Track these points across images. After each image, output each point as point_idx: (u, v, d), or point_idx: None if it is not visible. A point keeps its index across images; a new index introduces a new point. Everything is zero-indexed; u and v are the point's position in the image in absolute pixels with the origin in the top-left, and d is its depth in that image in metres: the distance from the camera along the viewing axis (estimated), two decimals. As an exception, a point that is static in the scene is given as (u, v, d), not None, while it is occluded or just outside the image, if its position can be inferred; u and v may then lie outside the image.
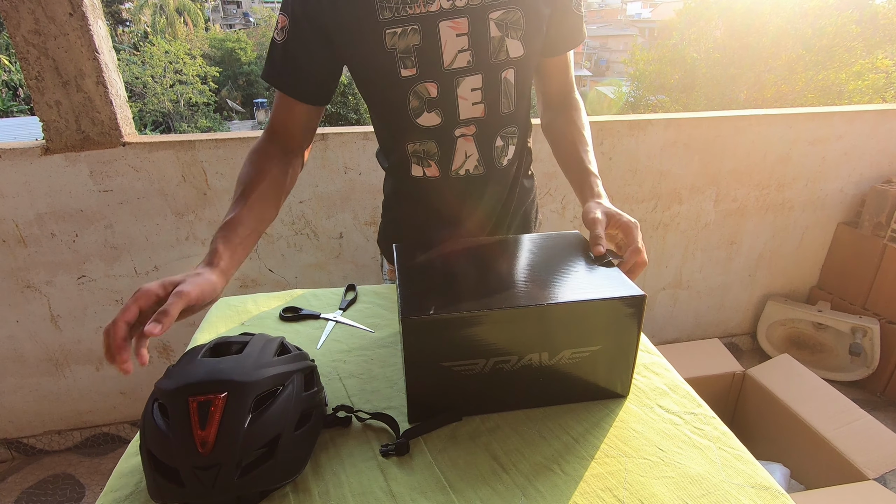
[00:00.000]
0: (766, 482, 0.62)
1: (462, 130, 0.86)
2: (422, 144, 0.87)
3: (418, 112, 0.83)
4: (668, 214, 2.14)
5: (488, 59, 0.81)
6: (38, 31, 1.41)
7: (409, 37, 0.77)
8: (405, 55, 0.78)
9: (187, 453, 0.53)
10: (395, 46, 0.78)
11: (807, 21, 9.31)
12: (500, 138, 0.89)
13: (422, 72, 0.80)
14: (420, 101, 0.82)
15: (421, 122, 0.84)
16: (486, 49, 0.80)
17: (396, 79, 0.80)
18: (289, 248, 1.82)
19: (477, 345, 0.65)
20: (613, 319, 0.67)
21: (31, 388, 1.80)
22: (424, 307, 0.63)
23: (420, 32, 0.77)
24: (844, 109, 2.19)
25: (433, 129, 0.85)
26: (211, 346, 0.63)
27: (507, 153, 0.92)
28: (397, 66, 0.79)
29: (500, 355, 0.66)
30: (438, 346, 0.64)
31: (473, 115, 0.85)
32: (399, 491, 0.60)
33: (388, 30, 0.77)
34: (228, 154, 1.65)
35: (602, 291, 0.66)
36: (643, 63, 11.69)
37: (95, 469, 1.84)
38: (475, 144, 0.88)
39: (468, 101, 0.83)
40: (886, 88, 8.65)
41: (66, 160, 1.55)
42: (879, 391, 2.21)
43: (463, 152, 0.88)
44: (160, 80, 17.24)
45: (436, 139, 0.86)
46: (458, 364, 0.65)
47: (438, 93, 0.82)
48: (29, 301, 1.68)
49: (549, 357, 0.67)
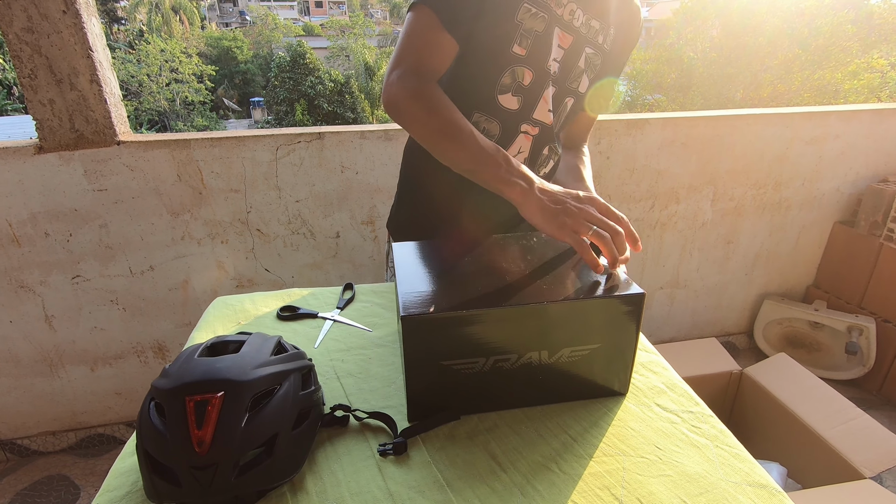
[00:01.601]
0: (763, 480, 0.62)
1: (527, 128, 0.91)
2: (487, 121, 0.90)
3: (504, 90, 0.86)
4: (665, 214, 2.14)
5: (567, 80, 0.88)
6: (31, 28, 1.40)
7: (537, 21, 0.81)
8: (525, 34, 0.82)
9: (184, 453, 0.52)
10: (522, 21, 0.81)
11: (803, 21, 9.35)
12: (548, 149, 0.96)
13: (530, 56, 0.83)
14: (513, 80, 0.85)
15: (501, 100, 0.87)
16: (570, 71, 0.88)
17: (506, 51, 0.83)
18: (285, 248, 1.81)
19: (477, 343, 0.64)
20: (612, 317, 0.67)
21: (26, 388, 1.79)
22: (424, 305, 0.62)
23: (546, 23, 0.81)
24: (841, 109, 2.20)
25: (507, 112, 0.88)
26: (208, 346, 0.63)
27: (547, 166, 0.99)
28: (514, 39, 0.82)
29: (500, 354, 0.66)
30: (438, 344, 0.64)
31: (543, 119, 0.90)
32: (397, 490, 0.60)
33: (527, 4, 0.80)
34: (224, 153, 1.64)
35: (601, 290, 0.66)
36: (640, 62, 11.71)
37: (90, 470, 1.83)
38: (531, 145, 0.93)
39: (546, 104, 0.89)
40: (882, 88, 8.69)
41: (60, 159, 1.54)
42: (875, 390, 2.22)
43: (518, 147, 0.92)
44: (156, 79, 17.19)
45: (502, 123, 0.90)
46: (458, 363, 0.65)
47: (530, 83, 0.86)
48: (23, 301, 1.67)
49: (549, 355, 0.67)
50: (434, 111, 0.75)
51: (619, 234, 0.67)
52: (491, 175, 0.73)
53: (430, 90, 0.76)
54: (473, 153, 0.74)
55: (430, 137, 0.77)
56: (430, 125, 0.76)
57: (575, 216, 0.68)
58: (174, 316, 1.81)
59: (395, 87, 0.77)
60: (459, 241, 0.83)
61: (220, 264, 1.78)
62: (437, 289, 0.68)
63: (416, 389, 0.67)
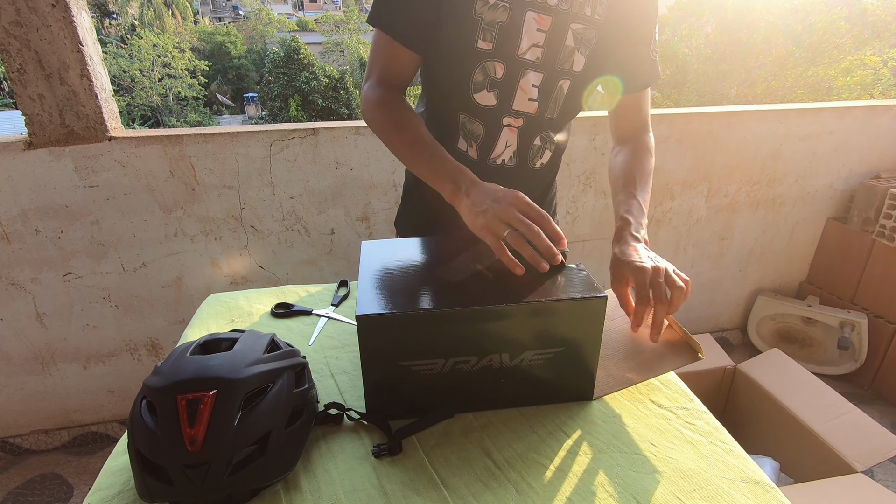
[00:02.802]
0: (756, 476, 0.62)
1: (510, 121, 0.89)
2: (470, 122, 0.89)
3: (479, 87, 0.85)
4: (660, 210, 2.15)
5: (555, 63, 0.84)
6: (19, 22, 1.37)
7: (498, 12, 0.79)
8: (488, 27, 0.80)
9: (176, 451, 0.52)
10: (481, 15, 0.79)
11: (797, 18, 9.39)
12: (540, 139, 0.93)
13: (497, 49, 0.82)
14: (484, 77, 0.84)
15: (478, 98, 0.86)
16: (556, 53, 0.83)
17: (472, 48, 0.82)
18: (279, 245, 1.80)
19: (435, 344, 0.64)
20: (575, 321, 0.65)
21: (17, 386, 1.77)
22: (380, 305, 0.62)
23: (509, 12, 0.79)
24: (835, 105, 2.21)
25: (485, 109, 0.87)
26: (200, 343, 0.62)
27: (542, 157, 0.95)
28: (477, 35, 0.81)
29: (460, 355, 0.65)
30: (395, 344, 0.63)
31: (525, 110, 0.88)
32: (391, 488, 0.60)
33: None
34: (217, 149, 1.62)
35: (564, 292, 0.65)
36: (635, 59, 11.71)
37: (83, 468, 1.82)
38: (517, 137, 0.90)
39: (525, 94, 0.86)
40: (874, 85, 8.75)
41: (51, 155, 1.52)
42: (867, 384, 2.24)
43: (504, 142, 0.91)
44: (148, 74, 17.03)
45: (484, 121, 0.89)
46: (416, 363, 0.65)
47: (503, 76, 0.84)
48: (14, 299, 1.65)
49: (510, 358, 0.66)
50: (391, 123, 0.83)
51: (538, 235, 0.65)
52: (431, 180, 0.78)
53: (389, 100, 0.84)
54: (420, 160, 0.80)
55: (389, 145, 0.85)
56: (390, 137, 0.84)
57: (491, 217, 0.67)
58: (167, 313, 1.80)
59: (364, 98, 0.86)
60: (427, 241, 0.82)
61: (213, 261, 1.77)
62: (397, 289, 0.67)
63: (374, 388, 0.67)
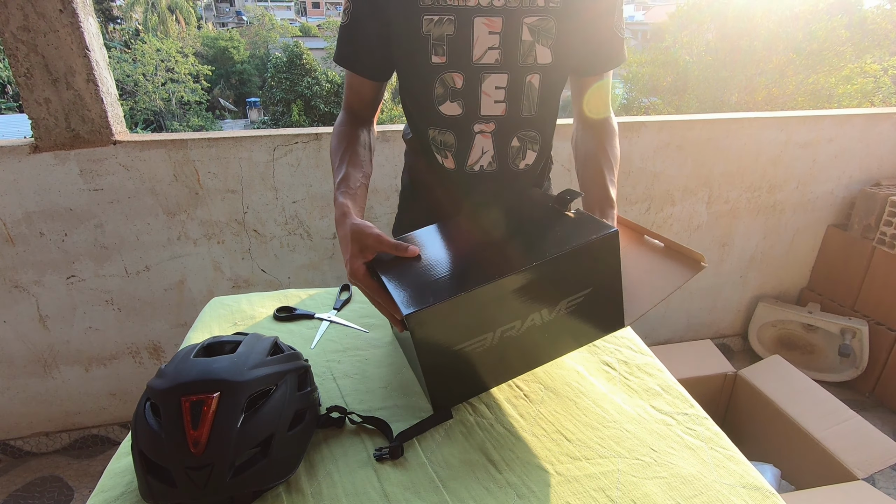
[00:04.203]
0: (757, 482, 0.62)
1: (481, 126, 0.89)
2: (441, 134, 0.90)
3: (441, 100, 0.86)
4: (661, 216, 2.15)
5: (516, 60, 0.84)
6: (27, 27, 1.39)
7: (444, 26, 0.81)
8: (438, 42, 0.82)
9: (179, 453, 0.52)
10: (429, 33, 0.81)
11: (797, 25, 9.41)
12: (518, 139, 0.92)
13: (451, 61, 0.83)
14: (445, 89, 0.85)
15: (443, 110, 0.87)
16: (515, 51, 0.83)
17: (427, 64, 0.83)
18: (282, 249, 1.81)
19: (482, 321, 0.65)
20: (595, 259, 0.68)
21: (19, 389, 1.78)
22: (420, 299, 0.62)
23: (455, 23, 0.80)
24: (835, 113, 2.22)
25: (453, 119, 0.88)
26: (204, 346, 0.63)
27: (525, 157, 0.94)
28: (429, 51, 0.82)
29: (505, 324, 0.67)
30: (447, 332, 0.64)
31: (494, 113, 0.88)
32: (392, 491, 0.60)
33: (426, 16, 0.80)
34: (221, 153, 1.63)
35: (579, 238, 0.67)
36: (636, 65, 11.76)
37: (84, 471, 1.82)
38: (492, 142, 0.91)
39: (491, 97, 0.86)
40: (875, 92, 8.75)
41: (56, 158, 1.53)
42: (868, 391, 2.23)
43: (480, 148, 0.91)
44: (152, 79, 17.10)
45: (455, 131, 0.90)
46: (469, 344, 0.66)
47: (463, 84, 0.85)
48: (17, 301, 1.66)
49: (549, 313, 0.69)
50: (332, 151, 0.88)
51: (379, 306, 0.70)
52: None
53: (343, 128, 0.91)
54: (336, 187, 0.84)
55: None
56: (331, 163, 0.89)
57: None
58: (169, 316, 1.80)
59: None
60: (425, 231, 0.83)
61: (216, 265, 1.77)
62: (427, 279, 0.67)
63: (436, 380, 0.68)
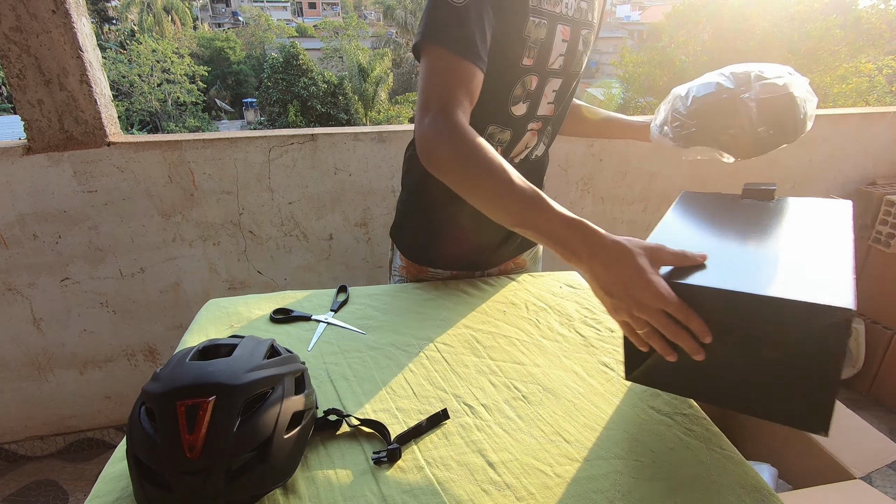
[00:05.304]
0: (755, 482, 0.62)
1: (533, 125, 0.94)
2: (501, 132, 0.92)
3: (516, 100, 0.88)
4: (658, 216, 2.16)
5: (571, 67, 0.90)
6: (19, 27, 1.38)
7: (539, 29, 0.82)
8: (533, 45, 0.83)
9: (175, 458, 0.52)
10: (528, 34, 0.82)
11: (793, 25, 9.47)
12: (546, 134, 1.00)
13: (536, 64, 0.85)
14: (523, 90, 0.88)
15: (514, 110, 0.90)
16: (573, 59, 0.89)
17: (517, 65, 0.84)
18: (278, 250, 1.80)
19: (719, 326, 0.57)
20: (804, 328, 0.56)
21: (13, 392, 1.76)
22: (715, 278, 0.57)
23: (546, 28, 0.83)
24: (830, 112, 2.22)
25: (518, 118, 0.91)
26: (199, 349, 0.62)
27: (538, 149, 1.01)
28: (524, 53, 0.83)
29: None
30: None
31: (545, 113, 0.94)
32: (390, 494, 0.60)
33: (532, 17, 0.81)
34: (216, 154, 1.63)
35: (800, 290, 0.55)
36: (632, 65, 11.81)
37: (79, 475, 1.80)
38: (536, 137, 0.97)
39: (547, 99, 0.92)
40: (870, 92, 8.81)
41: (49, 160, 1.52)
42: (865, 390, 2.24)
43: (525, 143, 0.96)
44: (147, 79, 17.05)
45: (513, 128, 0.92)
46: None
47: (535, 87, 0.88)
48: (10, 304, 1.65)
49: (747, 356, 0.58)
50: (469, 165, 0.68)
51: (685, 339, 0.57)
52: (533, 232, 0.65)
53: (461, 135, 0.69)
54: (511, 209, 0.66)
55: (471, 189, 0.70)
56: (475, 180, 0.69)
57: (626, 313, 0.59)
58: (165, 319, 1.79)
59: (426, 137, 0.71)
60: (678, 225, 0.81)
61: (211, 266, 1.76)
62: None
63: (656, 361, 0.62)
